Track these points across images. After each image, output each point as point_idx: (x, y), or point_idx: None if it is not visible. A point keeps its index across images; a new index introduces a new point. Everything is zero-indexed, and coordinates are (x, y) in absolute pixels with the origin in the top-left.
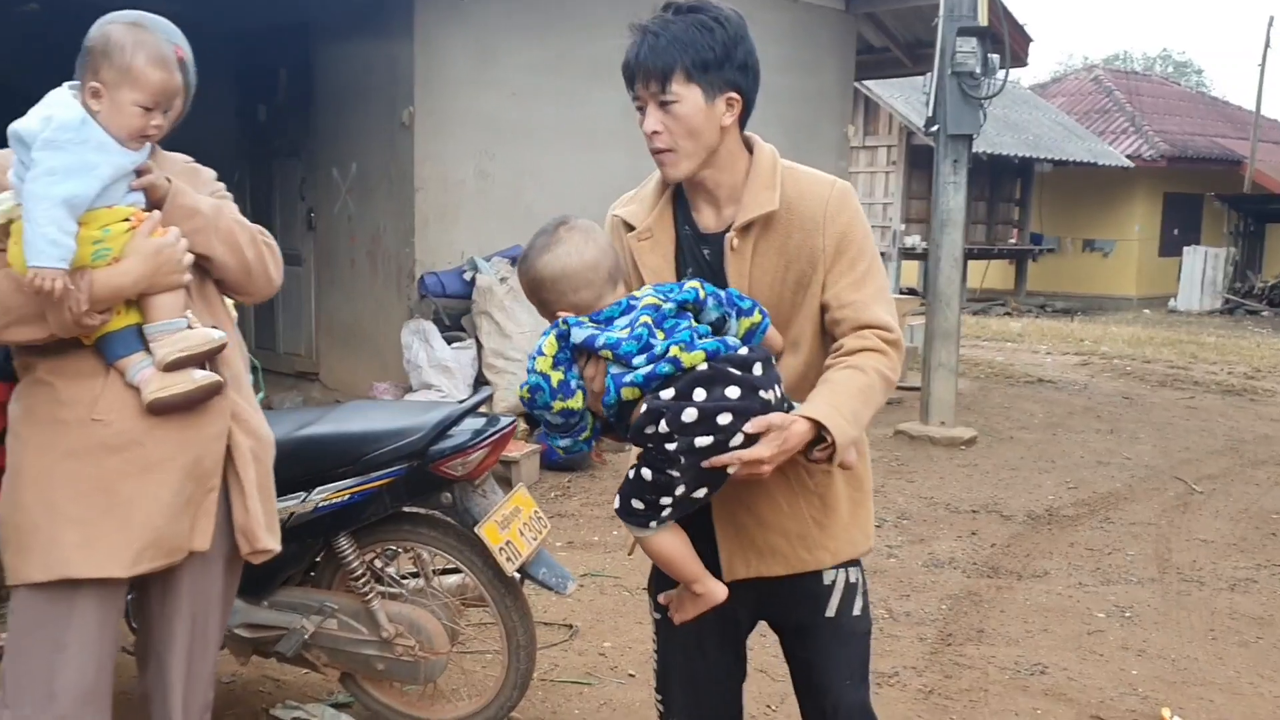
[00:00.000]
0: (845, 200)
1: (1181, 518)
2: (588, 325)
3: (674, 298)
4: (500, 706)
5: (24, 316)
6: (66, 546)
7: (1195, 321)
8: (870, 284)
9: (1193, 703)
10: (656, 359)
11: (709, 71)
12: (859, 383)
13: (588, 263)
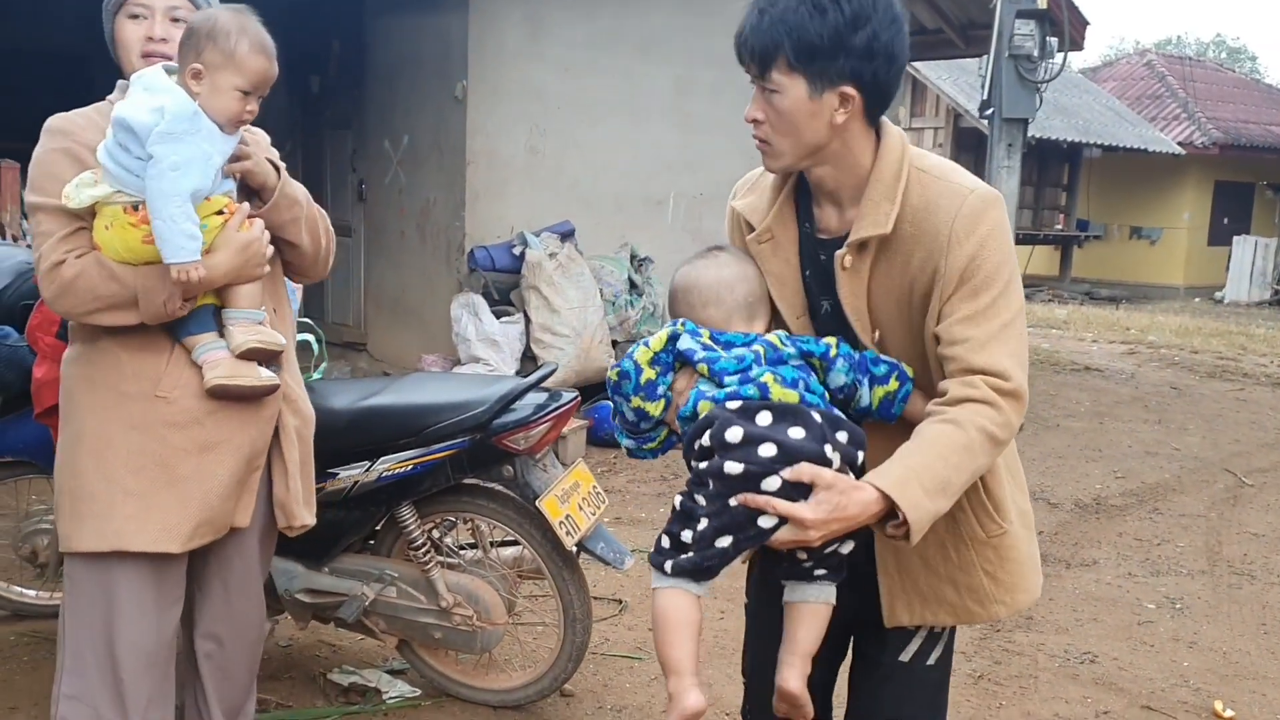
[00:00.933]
0: (979, 217)
1: (1232, 510)
2: (700, 338)
3: (799, 344)
4: (554, 678)
5: (115, 304)
6: (122, 518)
7: (1244, 313)
8: (992, 319)
9: (1245, 696)
10: (746, 380)
11: (816, 60)
12: (954, 442)
13: (722, 280)
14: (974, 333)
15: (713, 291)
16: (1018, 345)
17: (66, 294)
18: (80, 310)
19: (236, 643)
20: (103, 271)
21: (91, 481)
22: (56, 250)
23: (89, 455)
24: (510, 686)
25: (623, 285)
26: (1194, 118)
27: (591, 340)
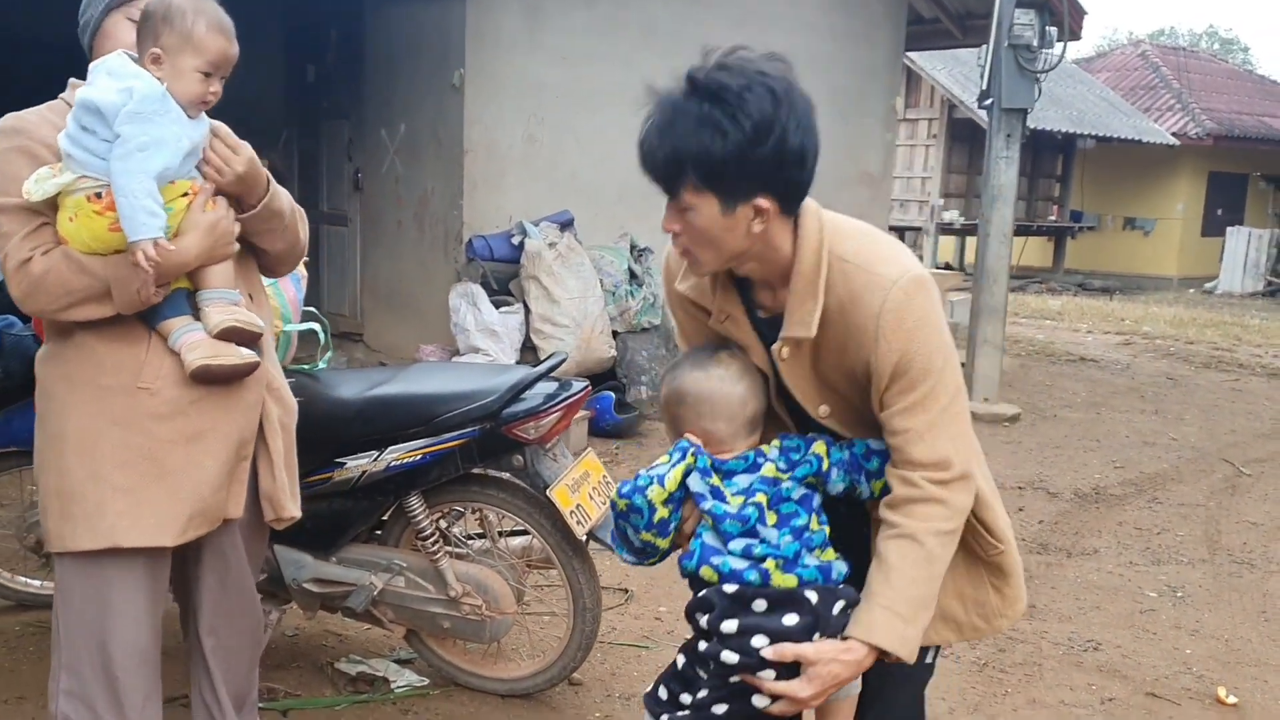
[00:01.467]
0: (903, 311)
1: (1230, 500)
2: (709, 479)
3: (797, 475)
4: (563, 667)
5: (88, 296)
6: (114, 515)
7: (1237, 303)
8: (930, 408)
9: (1247, 682)
10: (751, 560)
11: (724, 180)
12: (915, 560)
13: (737, 396)
14: (912, 424)
15: (725, 408)
16: (957, 427)
17: (37, 291)
18: (53, 307)
19: (234, 635)
20: (72, 265)
21: (79, 480)
22: (21, 249)
23: (74, 454)
24: (519, 675)
25: (623, 275)
26: (1188, 108)
27: (592, 331)
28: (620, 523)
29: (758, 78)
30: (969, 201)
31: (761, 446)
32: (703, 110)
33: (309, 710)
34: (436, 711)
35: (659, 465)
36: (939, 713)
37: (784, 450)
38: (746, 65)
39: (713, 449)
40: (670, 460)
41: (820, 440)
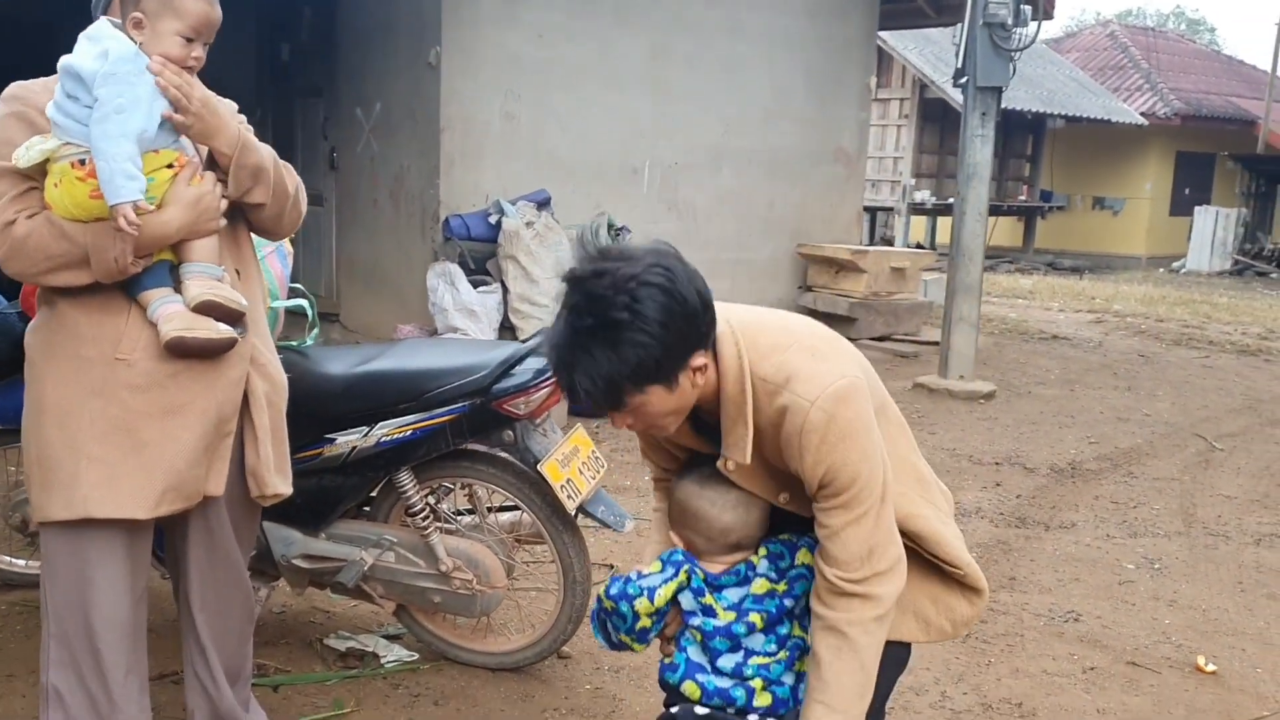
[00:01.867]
0: (825, 430)
1: (1204, 474)
2: (702, 598)
3: (795, 592)
4: (553, 640)
5: (67, 262)
6: (88, 486)
7: (1205, 282)
8: (851, 510)
9: (1225, 651)
10: (739, 679)
11: (660, 371)
12: (841, 651)
13: (720, 525)
14: (832, 522)
15: (706, 529)
16: (878, 527)
17: (18, 254)
18: (32, 271)
19: (225, 610)
20: (53, 230)
21: (57, 450)
22: (7, 210)
23: (53, 424)
24: (509, 649)
25: None
26: (1156, 88)
27: None
28: (601, 615)
29: (632, 282)
30: (940, 181)
31: (751, 558)
32: (610, 336)
33: (300, 685)
34: (427, 685)
35: (651, 575)
36: (924, 683)
37: (771, 559)
38: (618, 277)
39: (694, 553)
40: (662, 573)
41: (803, 548)
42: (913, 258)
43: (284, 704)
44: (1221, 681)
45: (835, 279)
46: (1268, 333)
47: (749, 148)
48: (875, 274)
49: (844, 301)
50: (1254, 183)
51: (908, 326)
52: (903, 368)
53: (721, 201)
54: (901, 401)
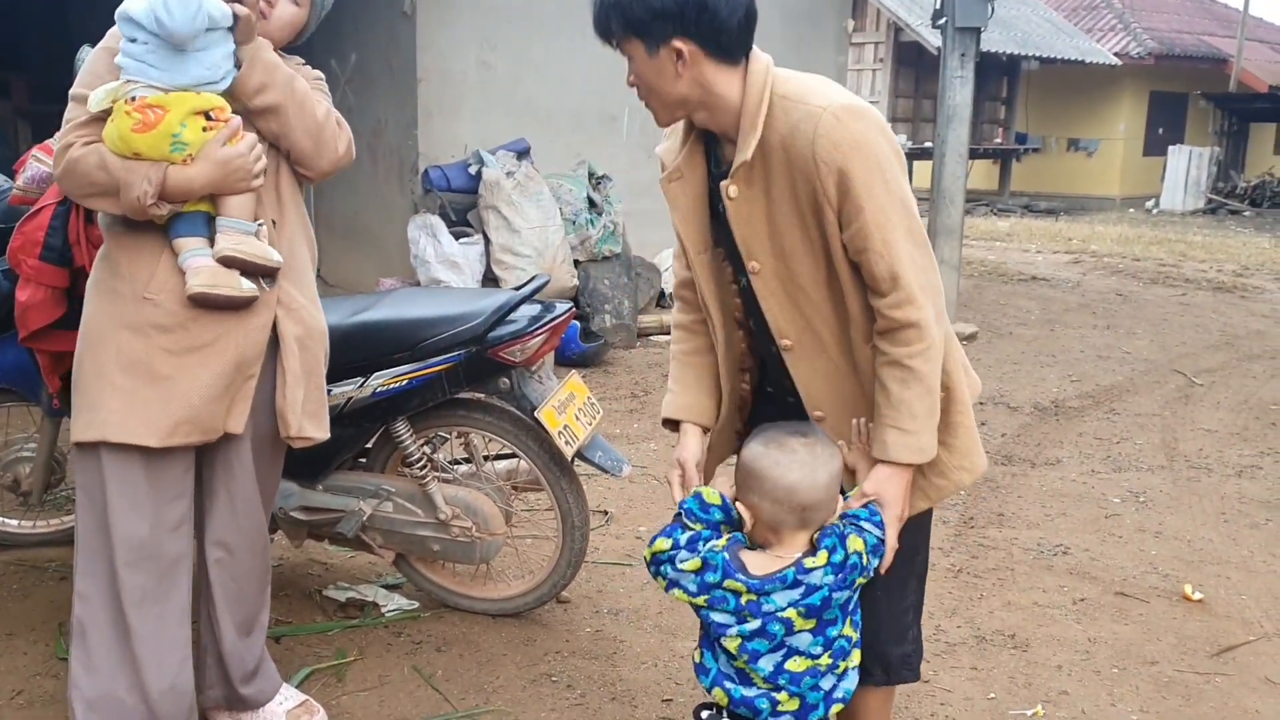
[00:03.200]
0: (836, 134)
1: (1184, 409)
2: (739, 602)
3: (849, 581)
4: (553, 585)
5: (102, 191)
6: (107, 411)
7: (1179, 221)
8: (882, 228)
9: (1211, 580)
10: (772, 684)
11: (640, 28)
12: (905, 380)
13: (786, 483)
14: (868, 244)
15: (799, 492)
16: (912, 247)
17: (67, 175)
18: (76, 193)
19: (244, 552)
20: (96, 160)
21: (87, 375)
22: (69, 134)
23: (88, 352)
24: (509, 595)
25: (582, 204)
26: (1129, 28)
27: (554, 260)
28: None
29: None
30: (916, 126)
31: (804, 561)
32: None
33: (302, 636)
34: (428, 632)
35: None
36: None
37: (832, 566)
38: None
39: (763, 532)
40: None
41: (852, 534)
42: None
43: (287, 655)
44: (1208, 609)
45: None
46: (1243, 270)
47: None
48: None
49: None
50: (1226, 121)
51: None
52: None
53: None
54: None
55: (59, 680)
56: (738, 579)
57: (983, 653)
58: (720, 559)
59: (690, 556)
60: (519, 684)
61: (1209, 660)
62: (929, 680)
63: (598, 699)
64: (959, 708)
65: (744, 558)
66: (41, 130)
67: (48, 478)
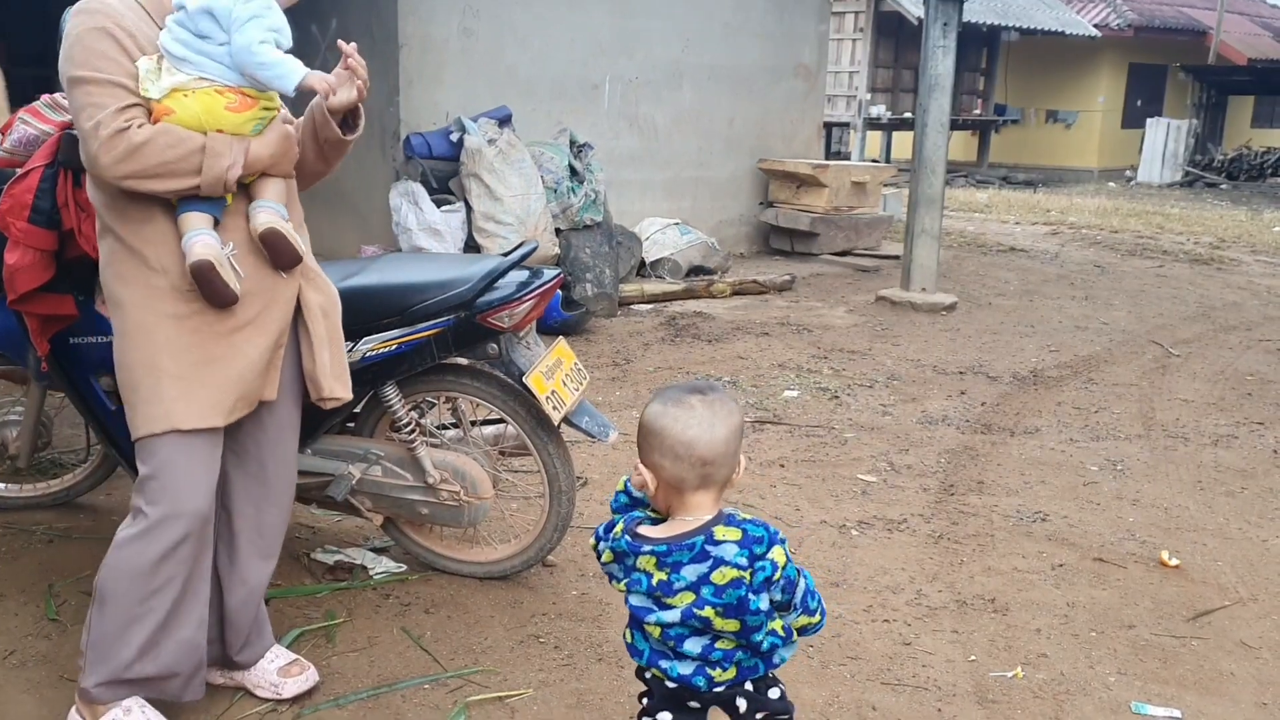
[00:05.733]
0: None
1: (1161, 379)
2: (649, 586)
3: (755, 583)
4: (540, 548)
5: (178, 170)
6: (169, 401)
7: (1157, 194)
8: None
9: (1187, 546)
10: (704, 662)
11: None
12: None
13: (690, 439)
14: None
15: (698, 446)
16: None
17: (134, 157)
18: (141, 173)
19: (273, 509)
20: (170, 137)
21: (139, 372)
22: (117, 119)
23: (134, 349)
24: (496, 558)
25: (564, 172)
26: (1110, 0)
27: (535, 228)
28: None
29: None
30: (896, 96)
31: (714, 529)
32: None
33: (291, 598)
34: (416, 595)
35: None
36: (900, 582)
37: (745, 543)
38: None
39: (667, 494)
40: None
41: (779, 545)
42: (873, 172)
43: (277, 616)
44: (1185, 575)
45: (796, 194)
46: (1219, 242)
47: (709, 63)
48: (836, 189)
49: (805, 217)
50: (1205, 94)
51: (868, 241)
52: (864, 282)
53: (682, 118)
54: (865, 314)
55: (51, 641)
56: (644, 551)
57: (963, 616)
58: (624, 542)
59: (605, 547)
60: (507, 645)
61: (1185, 624)
62: (910, 643)
63: (585, 659)
64: (940, 669)
65: (643, 531)
66: (19, 94)
67: (35, 442)
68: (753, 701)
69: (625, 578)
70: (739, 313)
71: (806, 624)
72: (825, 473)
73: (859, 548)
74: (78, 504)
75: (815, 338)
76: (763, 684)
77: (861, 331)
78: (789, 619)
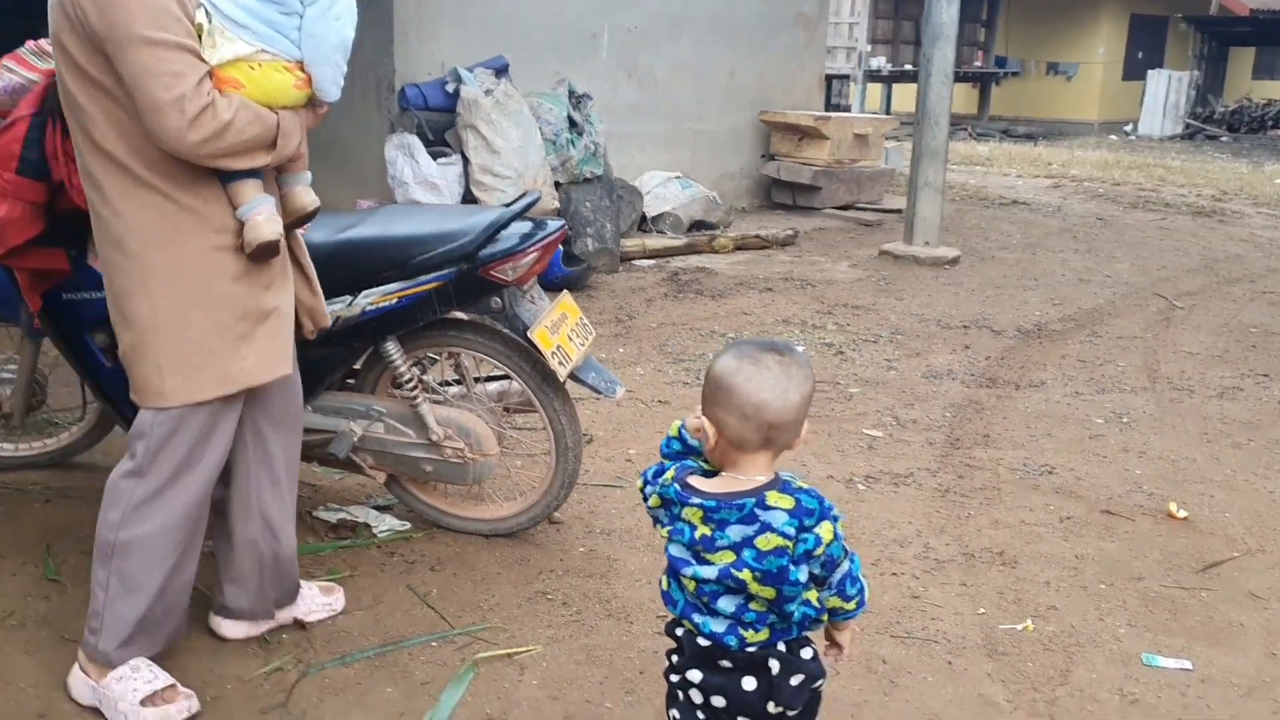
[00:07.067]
0: None
1: (1166, 332)
2: (691, 537)
3: (797, 553)
4: (546, 505)
5: (255, 146)
6: (244, 359)
7: (1157, 146)
8: None
9: (1195, 498)
10: (736, 621)
11: None
12: None
13: (761, 401)
14: None
15: (768, 411)
16: None
17: (221, 136)
18: (225, 152)
19: (294, 447)
20: (249, 114)
21: (202, 334)
22: (200, 94)
23: (197, 310)
24: (502, 515)
25: (562, 124)
26: None
27: (534, 181)
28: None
29: None
30: (896, 48)
31: (766, 494)
32: None
33: None
34: (421, 552)
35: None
36: (907, 535)
37: (798, 512)
38: None
39: (725, 450)
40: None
41: (829, 521)
42: (875, 124)
43: None
44: (1193, 527)
45: (798, 147)
46: (1221, 195)
47: (708, 13)
48: (838, 141)
49: (807, 170)
50: (1206, 45)
51: (870, 194)
52: (867, 236)
53: (681, 69)
54: (868, 269)
55: (50, 601)
56: (692, 503)
57: (971, 569)
58: (673, 490)
59: (653, 491)
60: (515, 602)
61: (1194, 576)
62: (919, 596)
63: (594, 616)
64: (949, 622)
65: (694, 483)
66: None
67: (29, 400)
68: (786, 663)
69: (669, 524)
70: (742, 268)
71: (839, 608)
72: (831, 428)
73: (865, 502)
74: (75, 463)
75: (819, 293)
76: (796, 645)
77: (865, 286)
78: (824, 594)
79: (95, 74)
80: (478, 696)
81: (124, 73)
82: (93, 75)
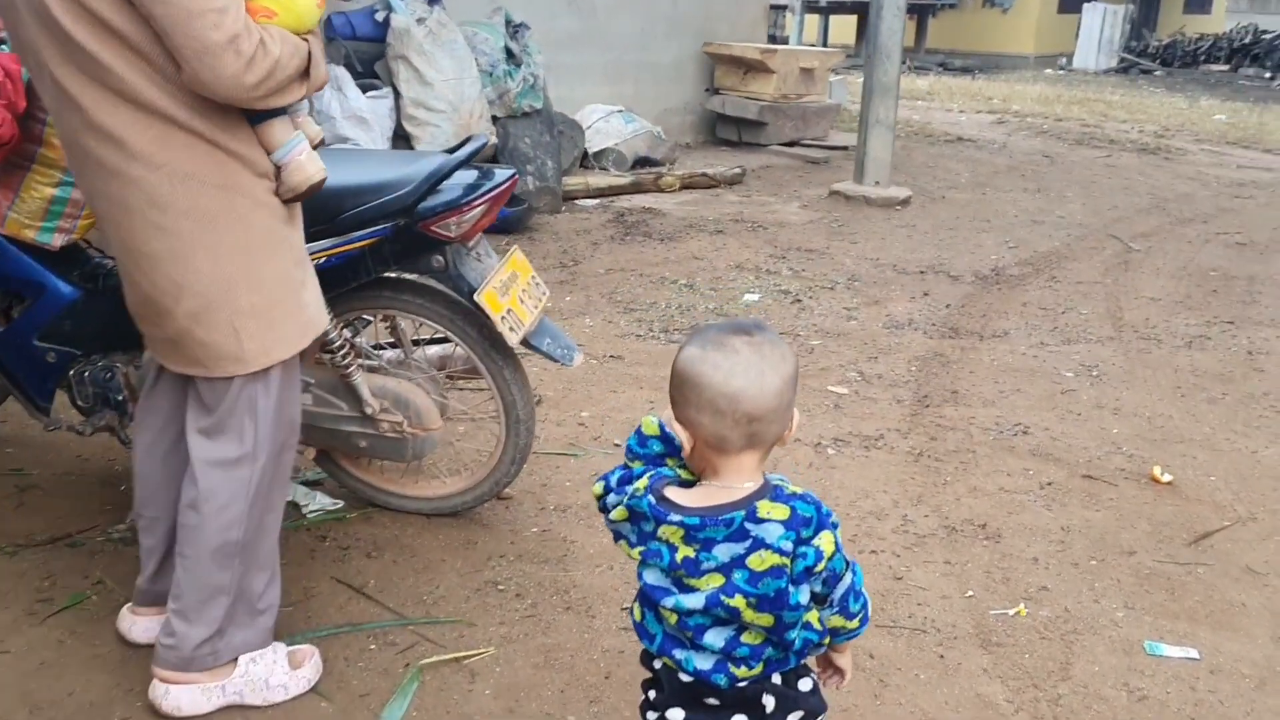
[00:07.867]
0: None
1: (1125, 276)
2: (672, 565)
3: (796, 571)
4: (495, 482)
5: (295, 78)
6: (308, 309)
7: (1094, 81)
8: None
9: (1177, 460)
10: (725, 658)
11: None
12: None
13: (735, 390)
14: None
15: (744, 400)
16: None
17: (274, 73)
18: (274, 90)
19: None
20: (290, 46)
21: (274, 288)
22: (252, 31)
23: (264, 264)
24: (446, 493)
25: (499, 55)
26: None
27: (470, 116)
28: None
29: None
30: None
31: (758, 504)
32: None
33: None
34: (356, 536)
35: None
36: (883, 506)
37: (792, 522)
38: None
39: (705, 455)
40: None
41: (828, 530)
42: (821, 57)
43: None
44: (1178, 492)
45: (743, 81)
46: (1163, 131)
47: None
48: (784, 75)
49: (753, 105)
50: None
51: (816, 131)
52: (815, 174)
53: None
54: (819, 210)
55: None
56: (671, 520)
57: (954, 545)
58: (645, 504)
59: (618, 501)
60: (462, 593)
61: (1187, 549)
62: (902, 577)
63: (551, 609)
64: (937, 607)
65: (672, 495)
66: None
67: None
68: (782, 698)
69: (640, 545)
70: (690, 208)
71: (841, 627)
72: None
73: (836, 468)
74: None
75: (771, 235)
76: (793, 676)
77: (817, 228)
78: (825, 614)
79: (119, 24)
80: (424, 711)
81: (158, 13)
82: (115, 26)
